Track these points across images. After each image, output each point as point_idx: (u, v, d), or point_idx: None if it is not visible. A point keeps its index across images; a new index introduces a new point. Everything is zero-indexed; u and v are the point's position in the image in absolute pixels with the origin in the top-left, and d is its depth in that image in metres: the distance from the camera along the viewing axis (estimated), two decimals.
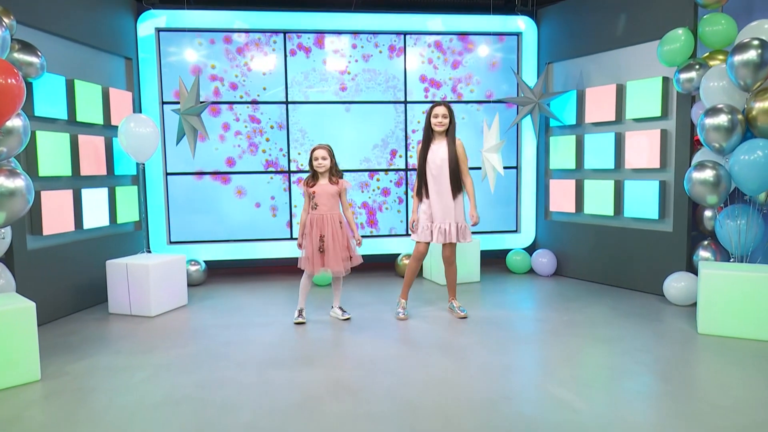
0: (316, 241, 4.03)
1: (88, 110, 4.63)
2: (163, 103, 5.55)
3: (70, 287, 4.47)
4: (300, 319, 4.15)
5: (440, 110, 4.09)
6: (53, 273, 4.27)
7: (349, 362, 3.33)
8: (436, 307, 4.58)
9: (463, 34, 5.89)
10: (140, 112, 5.39)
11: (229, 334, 3.91)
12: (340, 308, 4.28)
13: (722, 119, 3.87)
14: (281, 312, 4.48)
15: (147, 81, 5.43)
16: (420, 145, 4.19)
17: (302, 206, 4.20)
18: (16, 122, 3.28)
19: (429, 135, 4.14)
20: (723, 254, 4.50)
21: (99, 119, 4.79)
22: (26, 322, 3.03)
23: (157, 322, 4.26)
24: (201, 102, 5.14)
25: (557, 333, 3.86)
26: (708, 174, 3.94)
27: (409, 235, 5.14)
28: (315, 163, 4.03)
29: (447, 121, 4.10)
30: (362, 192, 5.94)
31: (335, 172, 4.11)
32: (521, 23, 5.86)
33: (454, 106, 5.83)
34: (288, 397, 2.84)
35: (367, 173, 5.92)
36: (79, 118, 4.52)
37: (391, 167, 5.93)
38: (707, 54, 4.49)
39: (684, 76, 4.37)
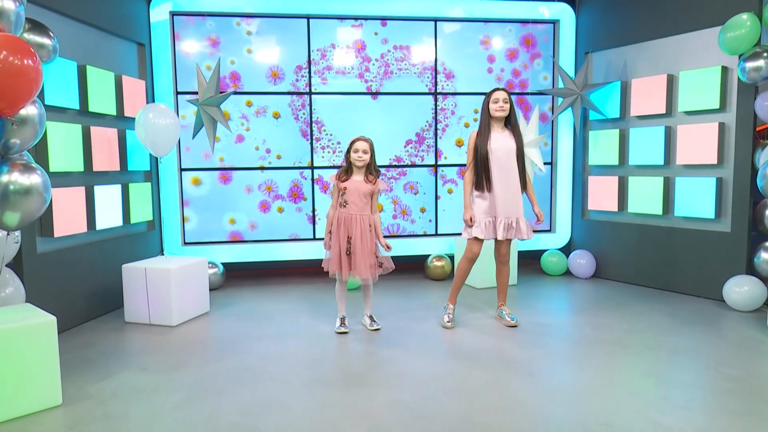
0: (343, 243, 3.66)
1: (101, 99, 4.23)
2: (178, 93, 5.15)
3: (83, 294, 4.08)
4: (342, 329, 3.79)
5: (501, 95, 3.76)
6: (64, 279, 3.88)
7: (407, 380, 2.98)
8: (480, 313, 4.24)
9: (497, 21, 5.54)
10: (153, 101, 4.99)
11: (265, 347, 3.54)
12: (370, 317, 3.92)
13: None
14: (314, 320, 4.12)
15: (160, 69, 5.02)
16: (477, 132, 3.83)
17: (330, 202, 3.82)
18: (30, 110, 2.88)
19: (488, 122, 3.80)
20: None
21: (112, 109, 4.38)
22: (46, 338, 2.65)
23: (181, 333, 3.88)
24: (221, 92, 4.75)
25: (623, 343, 3.53)
26: None
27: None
28: (354, 156, 3.66)
29: (508, 106, 3.76)
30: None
31: (373, 170, 3.75)
32: (545, 11, 5.53)
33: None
34: (351, 425, 2.48)
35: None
36: (91, 108, 4.12)
37: (424, 163, 5.58)
38: None
39: (751, 65, 4.05)
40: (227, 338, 3.74)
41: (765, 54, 4.02)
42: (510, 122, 3.84)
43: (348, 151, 3.71)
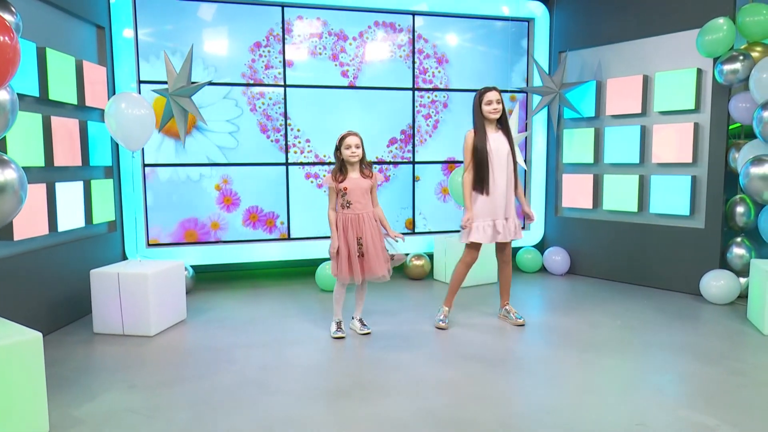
0: (353, 245, 3.47)
1: (61, 86, 3.80)
2: (140, 81, 4.74)
3: (45, 303, 3.65)
4: (339, 333, 3.60)
5: (494, 95, 3.66)
6: (25, 287, 3.44)
7: (427, 386, 2.84)
8: (472, 312, 4.17)
9: (469, 17, 5.47)
10: (114, 90, 4.56)
11: (262, 356, 3.29)
12: (361, 320, 3.76)
13: None
14: (304, 325, 3.89)
15: (121, 54, 4.59)
16: (473, 133, 3.74)
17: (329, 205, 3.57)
18: (2, 96, 2.51)
19: (483, 123, 3.72)
20: (757, 251, 4.41)
21: (72, 98, 3.95)
22: (32, 357, 2.30)
23: (162, 343, 3.55)
24: (192, 82, 4.41)
25: (625, 341, 3.56)
26: None
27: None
28: (348, 152, 3.46)
29: (501, 107, 3.69)
30: None
31: (366, 164, 3.58)
32: (505, 9, 5.54)
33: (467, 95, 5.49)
34: None
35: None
36: (51, 96, 3.69)
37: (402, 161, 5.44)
38: (745, 45, 4.37)
39: (728, 67, 4.21)
40: (216, 348, 3.45)
41: (741, 57, 4.18)
42: (501, 122, 3.77)
43: (338, 149, 3.51)
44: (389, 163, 5.39)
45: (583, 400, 2.69)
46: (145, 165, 4.82)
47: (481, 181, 3.71)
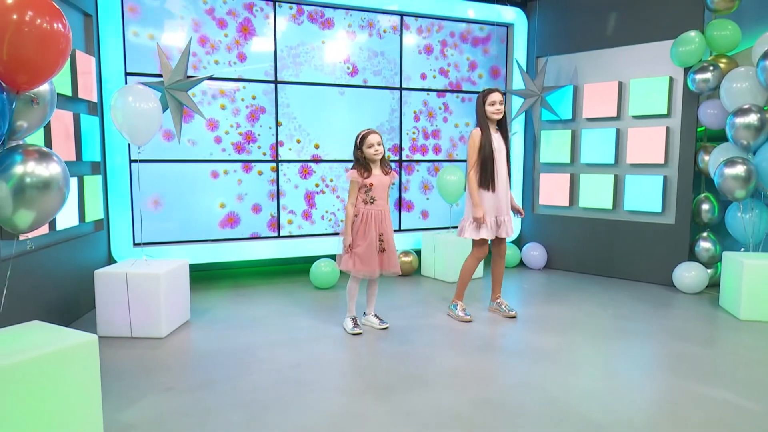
0: (375, 241, 3.55)
1: (58, 76, 3.58)
2: (127, 74, 4.53)
3: (45, 305, 3.44)
4: (357, 330, 3.63)
5: (497, 97, 3.82)
6: (27, 288, 3.24)
7: (474, 377, 2.96)
8: (471, 307, 4.31)
9: (451, 20, 5.64)
10: (100, 82, 4.34)
11: (287, 355, 3.27)
12: (376, 316, 3.84)
13: (752, 118, 4.13)
14: (313, 323, 3.89)
15: (108, 45, 4.37)
16: (480, 132, 3.88)
17: (349, 199, 3.60)
18: (43, 87, 2.37)
19: (486, 123, 3.87)
20: (723, 244, 4.86)
21: (67, 89, 3.74)
22: (89, 361, 2.21)
23: (176, 345, 3.44)
24: (189, 77, 4.28)
25: (622, 328, 3.82)
26: (740, 169, 4.17)
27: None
28: (371, 150, 3.52)
29: (503, 108, 3.85)
30: None
31: (386, 161, 3.67)
32: (471, 11, 5.68)
33: (448, 96, 5.66)
34: (449, 427, 2.40)
35: None
36: None
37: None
38: (711, 57, 4.79)
39: (700, 76, 4.60)
40: (236, 347, 3.39)
41: (711, 68, 4.59)
42: (500, 123, 3.94)
43: (359, 148, 3.55)
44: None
45: (611, 383, 2.89)
46: (131, 161, 4.61)
47: (487, 179, 3.87)
